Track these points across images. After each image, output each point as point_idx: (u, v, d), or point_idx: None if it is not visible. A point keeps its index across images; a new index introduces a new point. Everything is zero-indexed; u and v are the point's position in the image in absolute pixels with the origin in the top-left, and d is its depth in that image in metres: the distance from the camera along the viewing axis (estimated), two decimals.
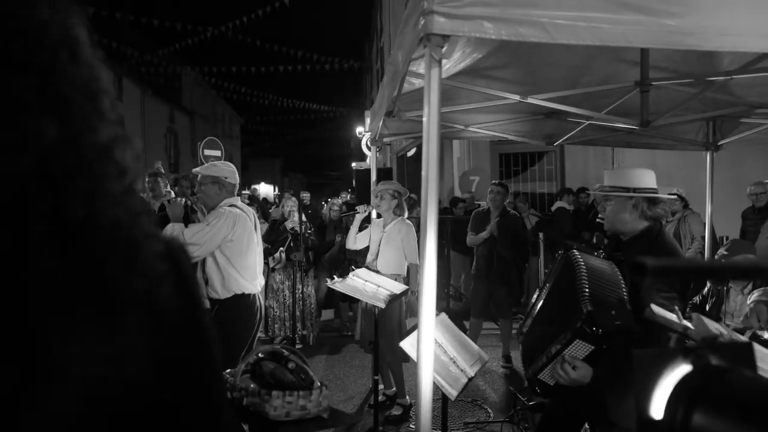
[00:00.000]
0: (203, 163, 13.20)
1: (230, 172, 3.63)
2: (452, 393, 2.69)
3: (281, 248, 6.69)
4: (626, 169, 2.65)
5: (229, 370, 2.34)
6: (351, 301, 7.39)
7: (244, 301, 3.43)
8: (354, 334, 6.80)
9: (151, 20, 14.75)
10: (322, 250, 7.19)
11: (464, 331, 6.49)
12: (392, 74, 2.95)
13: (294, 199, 7.23)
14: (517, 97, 3.63)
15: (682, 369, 0.65)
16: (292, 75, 20.88)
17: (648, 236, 2.50)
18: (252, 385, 2.25)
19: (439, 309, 3.25)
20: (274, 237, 6.78)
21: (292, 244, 6.74)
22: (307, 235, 6.82)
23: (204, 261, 3.47)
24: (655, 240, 2.49)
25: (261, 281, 3.66)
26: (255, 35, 17.61)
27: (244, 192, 9.19)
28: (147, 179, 6.15)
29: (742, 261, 4.03)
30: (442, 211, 11.03)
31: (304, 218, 7.23)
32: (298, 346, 6.87)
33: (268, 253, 6.86)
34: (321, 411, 2.30)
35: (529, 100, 3.67)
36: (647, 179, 2.54)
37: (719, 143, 5.23)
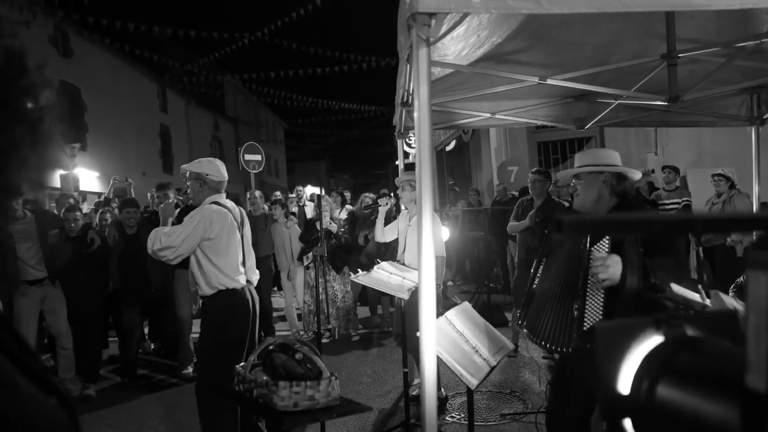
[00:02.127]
0: (245, 169, 13.46)
1: (214, 169, 3.60)
2: (473, 382, 2.63)
3: (315, 248, 6.79)
4: (594, 150, 2.85)
5: (242, 363, 2.36)
6: (391, 296, 7.42)
7: (229, 296, 3.41)
8: (393, 330, 6.85)
9: (188, 31, 15.09)
10: (354, 246, 7.19)
11: (506, 322, 6.42)
12: (402, 60, 2.91)
13: (327, 198, 7.26)
14: (535, 79, 3.52)
15: (653, 340, 0.61)
16: (329, 76, 21.09)
17: (623, 207, 2.55)
18: (264, 377, 2.26)
19: (479, 300, 3.23)
20: (308, 236, 6.87)
21: (332, 243, 6.84)
22: (340, 233, 6.87)
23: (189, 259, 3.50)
24: (631, 209, 2.55)
25: (249, 276, 3.61)
26: (291, 38, 17.83)
27: (276, 194, 9.29)
28: (156, 192, 6.27)
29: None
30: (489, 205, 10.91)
31: (340, 215, 7.27)
32: (324, 341, 6.97)
33: (303, 252, 6.98)
34: (330, 401, 2.29)
35: (549, 81, 3.55)
36: (614, 158, 2.70)
37: (764, 117, 4.96)
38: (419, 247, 1.95)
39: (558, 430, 2.66)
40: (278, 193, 9.46)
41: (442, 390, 4.67)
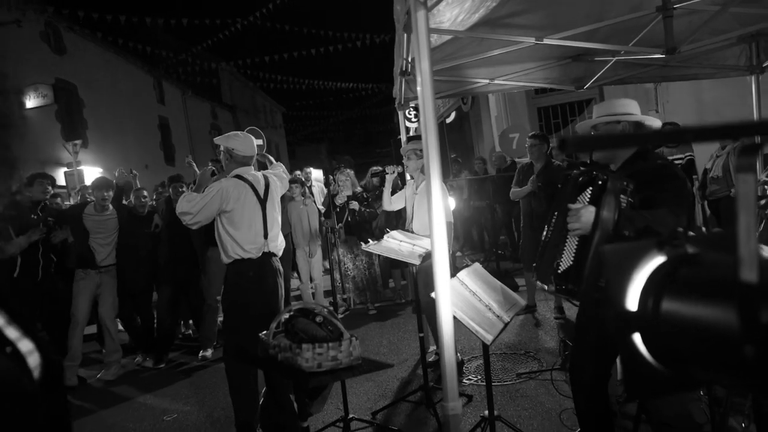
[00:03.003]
0: None
1: (241, 143, 3.70)
2: (488, 337, 2.71)
3: (339, 224, 6.97)
4: (611, 100, 2.79)
5: (264, 332, 2.44)
6: (403, 267, 7.56)
7: (243, 265, 3.52)
8: (408, 299, 7.00)
9: (180, 20, 15.00)
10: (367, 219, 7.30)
11: (517, 287, 6.51)
12: (399, 30, 2.94)
13: (347, 172, 7.34)
14: (532, 40, 3.54)
15: (656, 260, 0.66)
16: (324, 56, 20.98)
17: (640, 157, 2.56)
18: (286, 342, 2.34)
19: (488, 268, 3.30)
20: (332, 212, 7.10)
21: (349, 218, 6.96)
22: (362, 209, 6.98)
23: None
24: (646, 159, 2.54)
25: (271, 247, 3.66)
26: (283, 21, 17.71)
27: (297, 173, 9.37)
28: (169, 187, 6.43)
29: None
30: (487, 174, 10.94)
31: (359, 190, 7.35)
32: (340, 316, 7.12)
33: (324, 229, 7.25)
34: (353, 360, 2.37)
35: (546, 41, 3.57)
36: (631, 107, 2.69)
37: (764, 65, 4.96)
38: (429, 209, 2.01)
39: (579, 384, 2.72)
40: (298, 172, 9.50)
41: (458, 354, 4.77)
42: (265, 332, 2.49)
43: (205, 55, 21.29)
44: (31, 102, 15.00)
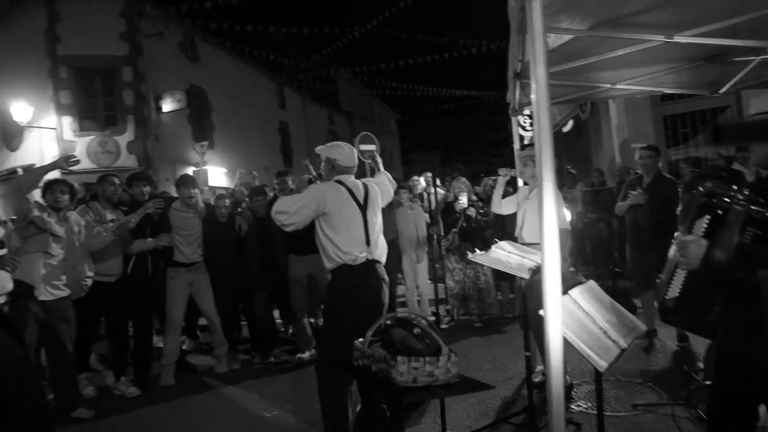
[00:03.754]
0: (361, 160, 13.73)
1: (342, 154, 3.72)
2: (601, 364, 2.46)
3: (454, 230, 6.89)
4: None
5: (360, 339, 2.37)
6: (511, 280, 7.29)
7: (346, 271, 3.48)
8: (515, 313, 6.71)
9: (301, 29, 15.60)
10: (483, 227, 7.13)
11: (634, 308, 6.04)
12: (514, 29, 2.78)
13: (463, 179, 7.24)
14: (662, 38, 3.21)
15: None
16: (440, 63, 20.91)
17: None
18: (382, 352, 2.26)
19: (603, 286, 3.03)
20: (446, 219, 6.99)
21: (464, 224, 6.87)
22: (478, 217, 6.86)
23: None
24: None
25: (373, 253, 3.61)
26: (400, 28, 17.89)
27: (415, 179, 9.39)
28: (275, 180, 6.55)
29: None
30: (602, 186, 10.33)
31: (475, 198, 7.23)
32: (443, 326, 6.97)
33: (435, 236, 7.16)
34: (451, 378, 2.24)
35: (677, 39, 3.22)
36: None
37: None
38: (541, 219, 1.84)
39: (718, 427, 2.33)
40: (416, 177, 9.50)
41: (567, 377, 4.47)
42: (361, 340, 2.43)
43: (325, 62, 21.99)
44: (167, 106, 16.23)
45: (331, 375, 3.44)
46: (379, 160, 4.85)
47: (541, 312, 2.35)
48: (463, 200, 6.93)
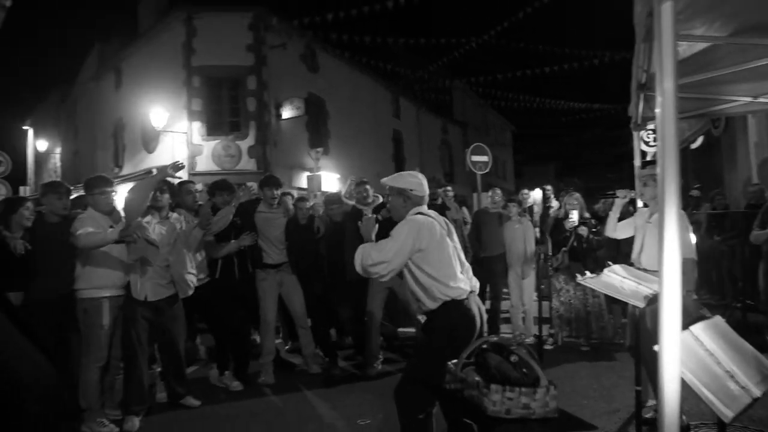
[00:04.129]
0: (472, 171, 13.54)
1: (417, 183, 3.45)
2: (727, 414, 2.18)
3: (564, 249, 6.55)
4: None
5: (453, 361, 2.25)
6: (623, 305, 6.81)
7: (454, 307, 3.18)
8: (625, 342, 6.23)
9: (418, 40, 15.69)
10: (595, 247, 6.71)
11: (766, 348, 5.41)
12: (639, 37, 2.56)
13: (576, 195, 6.85)
14: None
15: None
16: (559, 75, 20.20)
17: None
18: (475, 377, 2.12)
19: (731, 318, 2.71)
20: (556, 237, 6.69)
21: (575, 244, 6.52)
22: (590, 236, 6.50)
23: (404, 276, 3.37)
24: None
25: (471, 284, 3.37)
26: (518, 38, 17.50)
27: (524, 191, 9.13)
28: (355, 186, 6.52)
29: None
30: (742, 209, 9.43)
31: (587, 216, 6.87)
32: (547, 347, 6.62)
33: (543, 256, 6.81)
34: (548, 412, 2.06)
35: None
36: None
37: None
38: (661, 246, 1.64)
39: None
40: (526, 190, 9.23)
41: (684, 417, 4.06)
42: (454, 362, 2.30)
43: (440, 72, 22.01)
44: (287, 113, 16.94)
45: (414, 398, 3.16)
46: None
47: (655, 347, 2.13)
48: (574, 218, 6.54)
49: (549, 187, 9.24)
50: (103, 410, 4.64)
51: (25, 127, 28.26)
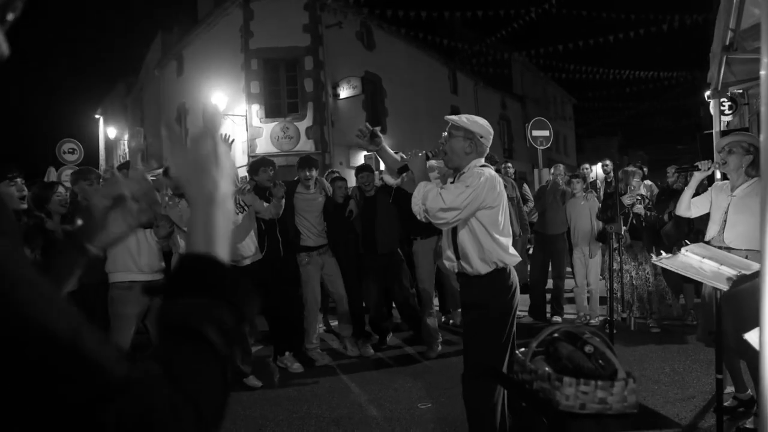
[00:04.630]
0: (532, 146, 13.11)
1: (488, 132, 3.11)
2: None
3: (624, 227, 6.21)
4: None
5: (521, 350, 2.12)
6: (697, 284, 6.44)
7: (503, 274, 3.01)
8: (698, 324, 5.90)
9: (476, 13, 15.27)
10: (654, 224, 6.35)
11: None
12: None
13: (632, 169, 6.47)
14: None
15: None
16: (624, 43, 19.26)
17: None
18: (546, 368, 1.99)
19: None
20: (610, 214, 6.31)
21: (633, 222, 6.21)
22: (646, 212, 6.18)
23: (452, 231, 3.12)
24: None
25: (516, 256, 3.16)
26: (579, 7, 16.77)
27: (586, 166, 8.78)
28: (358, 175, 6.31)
29: None
30: None
31: (643, 191, 6.55)
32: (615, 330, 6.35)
33: (602, 234, 6.45)
34: (626, 408, 1.91)
35: None
36: None
37: None
38: (764, 222, 1.47)
39: None
40: (587, 165, 8.92)
41: None
42: (523, 350, 2.17)
43: (498, 45, 21.42)
44: (344, 92, 16.93)
45: (481, 387, 3.03)
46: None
47: (747, 336, 1.96)
48: (636, 194, 6.19)
49: (608, 162, 8.82)
50: None
51: (96, 116, 29.54)
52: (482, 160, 3.13)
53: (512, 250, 3.10)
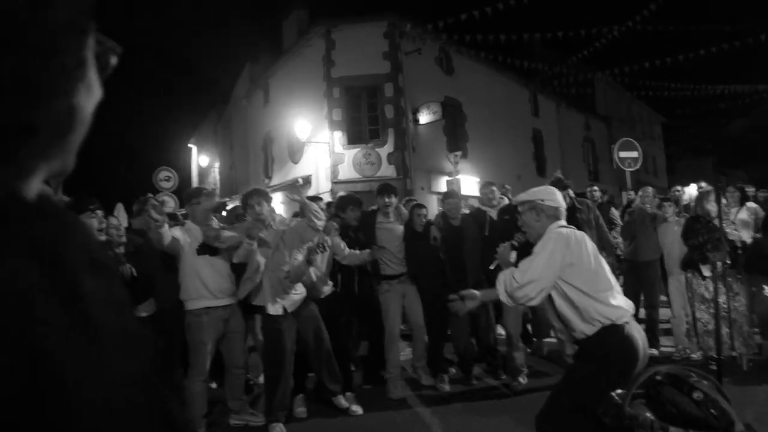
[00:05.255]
0: (620, 168, 12.66)
1: (548, 193, 3.18)
2: None
3: (716, 253, 5.79)
4: None
5: (618, 392, 1.97)
6: None
7: (613, 333, 2.77)
8: None
9: (556, 34, 15.01)
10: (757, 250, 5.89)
11: None
12: None
13: (735, 193, 6.04)
14: None
15: None
16: (716, 56, 18.23)
17: None
18: (647, 415, 1.86)
19: None
20: (700, 239, 5.89)
21: (740, 249, 5.82)
22: (756, 235, 5.77)
23: (550, 302, 3.07)
24: None
25: (628, 306, 2.93)
26: (666, 22, 16.13)
27: (678, 188, 8.34)
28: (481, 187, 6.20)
29: None
30: None
31: (738, 215, 6.13)
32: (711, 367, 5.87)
33: (694, 262, 6.02)
34: None
35: None
36: None
37: None
38: None
39: None
40: (679, 187, 8.50)
41: None
42: (621, 392, 2.02)
43: (580, 65, 20.93)
44: (424, 118, 17.04)
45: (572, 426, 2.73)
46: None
47: None
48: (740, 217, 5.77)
49: (704, 184, 8.31)
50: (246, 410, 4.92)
51: (189, 145, 31.25)
52: (559, 222, 3.12)
53: (616, 301, 2.89)
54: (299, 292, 4.91)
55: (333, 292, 5.51)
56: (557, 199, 3.16)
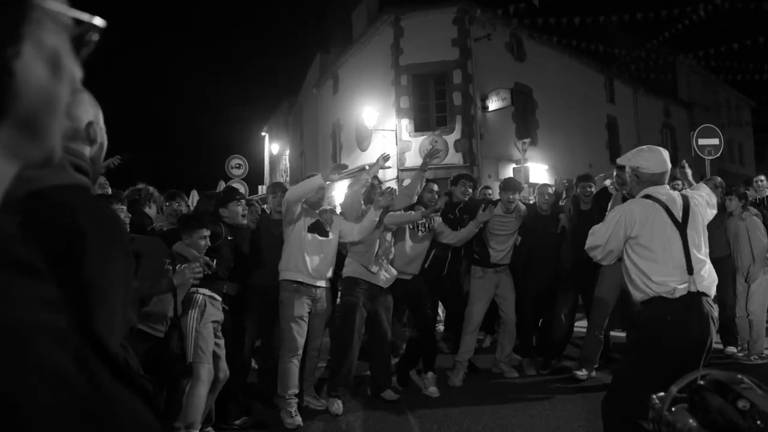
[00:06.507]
0: (699, 156, 12.02)
1: (644, 160, 3.19)
2: None
3: None
4: None
5: (659, 394, 1.89)
6: None
7: (660, 305, 2.93)
8: None
9: (634, 15, 14.34)
10: None
11: None
12: None
13: None
14: None
15: None
16: None
17: None
18: (690, 421, 1.78)
19: None
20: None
21: None
22: None
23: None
24: None
25: (699, 285, 2.92)
26: None
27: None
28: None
29: None
30: None
31: None
32: None
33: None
34: None
35: None
36: None
37: None
38: None
39: None
40: (763, 177, 7.98)
41: None
42: (661, 395, 1.93)
43: (661, 49, 19.90)
44: (493, 105, 16.78)
45: (619, 417, 2.92)
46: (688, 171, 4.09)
47: None
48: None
49: (763, 177, 7.75)
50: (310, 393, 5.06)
51: (262, 134, 32.13)
52: (653, 188, 3.17)
53: (663, 277, 2.96)
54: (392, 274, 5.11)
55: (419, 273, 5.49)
56: (654, 165, 3.18)
